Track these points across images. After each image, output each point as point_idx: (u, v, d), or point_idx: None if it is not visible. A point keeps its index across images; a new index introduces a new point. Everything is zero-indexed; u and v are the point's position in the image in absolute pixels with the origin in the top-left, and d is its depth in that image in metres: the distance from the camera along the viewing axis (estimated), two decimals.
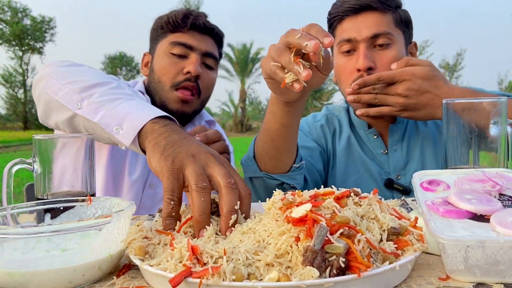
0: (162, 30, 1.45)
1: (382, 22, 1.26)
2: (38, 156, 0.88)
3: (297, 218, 0.54)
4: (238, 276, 0.49)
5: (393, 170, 1.35)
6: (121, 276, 0.61)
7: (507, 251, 0.52)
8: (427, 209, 0.61)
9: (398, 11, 1.30)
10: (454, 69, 39.47)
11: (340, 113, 1.48)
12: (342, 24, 1.31)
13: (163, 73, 1.41)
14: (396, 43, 1.27)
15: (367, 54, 1.24)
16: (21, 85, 34.77)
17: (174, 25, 1.43)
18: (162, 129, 0.83)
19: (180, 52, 1.41)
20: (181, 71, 1.40)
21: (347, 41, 1.28)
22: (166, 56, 1.42)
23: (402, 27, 1.31)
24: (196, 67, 1.39)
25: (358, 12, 1.27)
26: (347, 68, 1.29)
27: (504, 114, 0.86)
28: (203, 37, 1.44)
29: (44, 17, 34.40)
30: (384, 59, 1.25)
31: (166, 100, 1.41)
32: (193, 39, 1.42)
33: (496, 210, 0.58)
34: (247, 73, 37.34)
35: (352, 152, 1.40)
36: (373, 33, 1.24)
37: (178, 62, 1.40)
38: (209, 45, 1.45)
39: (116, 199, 0.74)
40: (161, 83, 1.41)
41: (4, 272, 0.55)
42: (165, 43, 1.43)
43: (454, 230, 0.56)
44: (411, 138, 1.37)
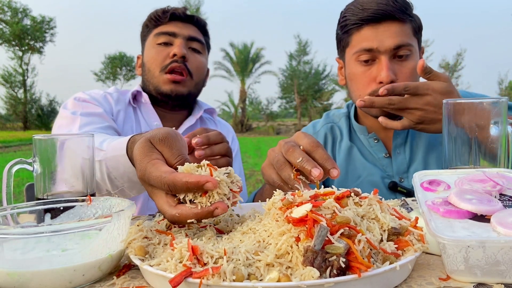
0: (147, 29, 1.55)
1: (403, 32, 1.23)
2: (38, 156, 0.88)
3: (298, 218, 0.54)
4: (238, 276, 0.49)
5: (396, 173, 1.34)
6: (121, 276, 0.61)
7: (507, 252, 0.52)
8: (428, 209, 0.61)
9: (414, 19, 1.28)
10: (454, 69, 39.46)
11: (341, 120, 1.48)
12: (360, 32, 1.27)
13: (151, 62, 1.50)
14: (414, 53, 1.27)
15: (390, 67, 1.22)
16: (21, 85, 34.77)
17: (156, 20, 1.52)
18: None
19: (165, 40, 1.49)
20: (168, 56, 1.47)
21: (368, 50, 1.24)
22: (153, 47, 1.50)
23: (418, 35, 1.31)
24: (181, 48, 1.46)
25: (379, 21, 1.23)
26: (365, 77, 1.27)
27: (504, 114, 0.85)
28: (185, 24, 1.53)
29: (44, 17, 34.40)
30: (404, 71, 1.24)
31: (158, 84, 1.47)
32: (175, 27, 1.51)
33: (496, 210, 0.58)
34: (247, 73, 37.34)
35: (353, 160, 1.40)
36: (396, 44, 1.22)
37: (164, 49, 1.48)
38: (192, 31, 1.53)
39: (116, 199, 0.74)
40: (151, 71, 1.49)
41: (4, 272, 0.55)
42: (151, 37, 1.53)
43: (455, 230, 0.56)
44: (413, 141, 1.37)
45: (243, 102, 36.86)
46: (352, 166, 1.39)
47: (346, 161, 1.40)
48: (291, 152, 0.80)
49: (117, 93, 1.55)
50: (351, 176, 1.38)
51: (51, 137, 0.90)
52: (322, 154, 0.80)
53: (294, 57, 39.71)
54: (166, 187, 0.67)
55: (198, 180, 0.64)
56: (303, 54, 39.70)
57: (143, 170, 0.71)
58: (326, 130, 1.47)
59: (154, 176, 0.69)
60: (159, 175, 0.67)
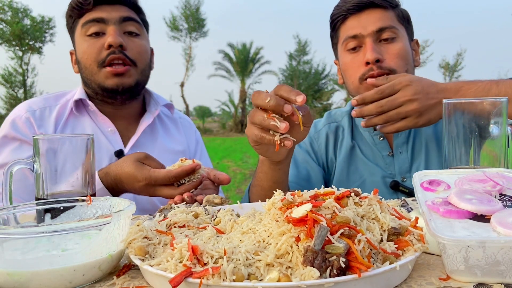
0: (72, 19, 1.39)
1: (385, 17, 1.28)
2: (38, 156, 0.88)
3: (298, 218, 0.54)
4: (238, 276, 0.49)
5: (398, 172, 1.34)
6: (121, 276, 0.61)
7: (507, 252, 0.52)
8: (428, 209, 0.61)
9: (399, 9, 1.33)
10: (454, 69, 39.43)
11: (343, 119, 1.47)
12: (345, 24, 1.33)
13: (86, 57, 1.34)
14: (401, 37, 1.29)
15: (374, 47, 1.25)
16: (21, 85, 34.75)
17: (79, 8, 1.35)
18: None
19: (95, 30, 1.33)
20: (102, 48, 1.32)
21: (353, 37, 1.29)
22: (84, 41, 1.34)
23: (405, 23, 1.33)
24: (115, 36, 1.31)
25: (361, 9, 1.29)
26: (354, 63, 1.30)
27: (504, 114, 0.85)
28: (113, 7, 1.36)
29: (43, 17, 34.39)
30: (391, 52, 1.26)
31: (100, 80, 1.34)
32: (103, 12, 1.34)
33: (496, 210, 0.58)
34: (247, 73, 37.34)
35: (354, 160, 1.39)
36: (378, 27, 1.26)
37: (97, 41, 1.33)
38: (123, 12, 1.37)
39: (116, 199, 0.74)
40: (88, 68, 1.34)
41: (4, 272, 0.55)
42: (78, 29, 1.37)
43: (455, 230, 0.56)
44: (416, 140, 1.36)
45: (243, 102, 36.85)
46: (353, 165, 1.39)
47: (348, 161, 1.39)
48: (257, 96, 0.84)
49: (40, 109, 1.36)
50: (352, 176, 1.37)
51: (51, 137, 0.90)
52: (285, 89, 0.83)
53: (293, 57, 39.71)
54: (173, 179, 1.08)
55: (193, 166, 1.10)
56: (303, 54, 39.70)
57: (148, 178, 1.08)
58: (327, 130, 1.47)
59: (162, 176, 1.08)
60: (166, 173, 1.08)
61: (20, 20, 33.73)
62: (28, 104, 1.38)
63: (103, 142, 1.38)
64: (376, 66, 1.24)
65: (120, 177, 1.12)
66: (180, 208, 0.75)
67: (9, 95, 35.30)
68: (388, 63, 1.25)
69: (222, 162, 11.34)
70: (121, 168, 1.12)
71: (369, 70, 1.25)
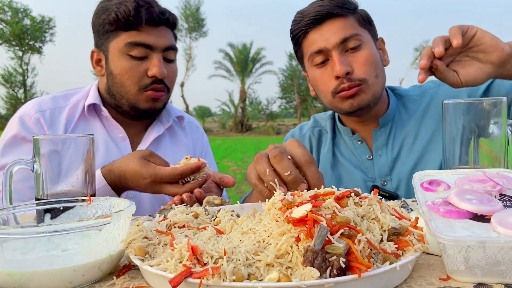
0: (112, 27, 1.30)
1: (347, 25, 1.25)
2: (38, 156, 0.88)
3: (298, 219, 0.54)
4: (238, 276, 0.49)
5: (378, 176, 1.33)
6: (121, 276, 0.61)
7: (507, 252, 0.52)
8: (428, 209, 0.61)
9: (357, 12, 1.30)
10: None
11: (326, 123, 1.48)
12: (307, 38, 1.29)
13: (125, 77, 1.31)
14: (366, 42, 1.27)
15: (342, 60, 1.23)
16: (21, 85, 34.77)
17: (127, 24, 1.28)
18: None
19: (140, 54, 1.30)
20: (145, 74, 1.31)
21: (318, 52, 1.26)
22: (124, 58, 1.31)
23: (367, 25, 1.31)
24: (161, 70, 1.30)
25: (320, 22, 1.26)
26: (324, 77, 1.28)
27: (504, 114, 0.85)
28: (159, 30, 1.33)
29: (43, 17, 34.40)
30: (359, 60, 1.24)
31: (136, 101, 1.34)
32: (151, 36, 1.31)
33: (496, 210, 0.58)
34: (247, 73, 37.34)
35: (336, 163, 1.40)
36: (342, 37, 1.23)
37: (140, 64, 1.31)
38: (167, 38, 1.35)
39: (116, 199, 0.74)
40: (126, 87, 1.33)
41: (4, 272, 0.55)
42: (120, 43, 1.31)
43: (455, 230, 0.56)
44: (395, 142, 1.35)
45: (243, 102, 36.86)
46: (335, 170, 1.39)
47: (329, 165, 1.40)
48: (278, 160, 0.79)
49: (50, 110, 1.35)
50: (334, 181, 1.37)
51: (51, 137, 0.90)
52: (313, 173, 0.80)
53: (294, 57, 39.69)
54: (178, 176, 1.08)
55: (198, 164, 1.09)
56: None
57: (154, 175, 1.08)
58: (310, 134, 1.47)
59: (168, 173, 1.08)
60: (171, 171, 1.08)
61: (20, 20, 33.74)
62: (38, 103, 1.36)
63: (112, 148, 1.37)
64: (346, 79, 1.23)
65: (125, 174, 1.12)
66: (180, 209, 0.75)
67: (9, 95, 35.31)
68: (357, 74, 1.23)
69: (222, 162, 11.34)
70: (125, 165, 1.12)
71: (340, 83, 1.23)
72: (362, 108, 1.26)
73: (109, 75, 1.35)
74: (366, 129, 1.38)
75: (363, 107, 1.26)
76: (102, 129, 1.39)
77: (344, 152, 1.41)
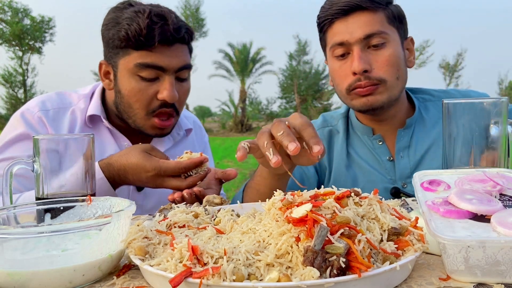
0: (122, 43, 1.20)
1: (374, 21, 1.21)
2: (38, 156, 0.88)
3: (298, 218, 0.54)
4: (238, 276, 0.49)
5: (399, 178, 1.30)
6: (121, 276, 0.61)
7: (507, 252, 0.52)
8: (428, 209, 0.61)
9: (389, 8, 1.25)
10: (454, 69, 39.42)
11: (338, 122, 1.43)
12: (332, 28, 1.26)
13: (134, 100, 1.23)
14: (391, 42, 1.23)
15: (361, 56, 1.20)
16: (21, 85, 34.76)
17: (137, 43, 1.18)
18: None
19: (151, 76, 1.21)
20: (155, 96, 1.23)
21: (340, 44, 1.23)
22: (133, 79, 1.22)
23: (396, 23, 1.26)
24: (172, 94, 1.22)
25: (348, 13, 1.22)
26: (342, 72, 1.25)
27: (504, 114, 0.85)
28: (172, 49, 1.22)
29: (43, 17, 34.40)
30: (380, 60, 1.21)
31: (143, 126, 1.28)
32: (163, 58, 1.20)
33: (496, 210, 0.58)
34: (247, 73, 37.34)
35: (351, 166, 1.36)
36: (366, 33, 1.20)
37: (150, 86, 1.22)
38: (181, 58, 1.24)
39: (116, 199, 0.74)
40: (133, 109, 1.25)
41: (4, 272, 0.55)
42: (129, 63, 1.21)
43: (455, 230, 0.56)
44: (418, 144, 1.32)
45: (243, 102, 36.85)
46: (351, 171, 1.34)
47: (343, 166, 1.35)
48: (276, 126, 0.83)
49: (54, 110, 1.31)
50: (350, 182, 1.33)
51: (51, 137, 0.90)
52: (310, 132, 0.81)
53: (294, 57, 39.71)
54: (183, 169, 1.08)
55: (201, 159, 1.10)
56: (303, 54, 39.70)
57: (158, 168, 1.07)
58: (320, 135, 1.41)
59: (172, 166, 1.07)
60: (176, 164, 1.08)
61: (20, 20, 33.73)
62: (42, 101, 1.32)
63: None
64: (364, 76, 1.20)
65: (125, 168, 1.10)
66: (180, 208, 0.75)
67: (9, 95, 35.30)
68: (376, 72, 1.20)
69: (222, 162, 11.34)
70: (126, 159, 1.10)
71: (356, 80, 1.21)
72: (374, 108, 1.23)
73: (117, 92, 1.27)
74: (383, 128, 1.35)
75: (376, 107, 1.23)
76: (110, 137, 1.35)
77: (360, 152, 1.37)
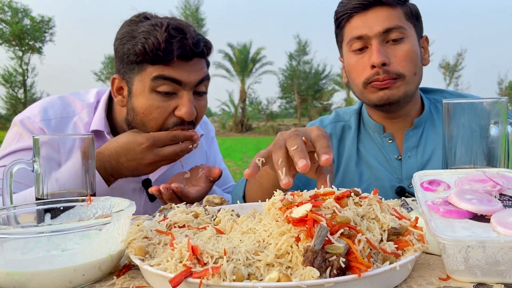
0: (138, 58, 1.14)
1: (393, 16, 1.22)
2: (38, 156, 0.88)
3: (298, 218, 0.54)
4: (238, 276, 0.49)
5: (405, 177, 1.29)
6: (121, 276, 0.61)
7: (507, 252, 0.52)
8: (428, 209, 0.61)
9: (407, 5, 1.26)
10: (454, 69, 39.46)
11: (351, 118, 1.42)
12: (350, 22, 1.27)
13: (149, 118, 1.16)
14: (409, 37, 1.24)
15: (380, 49, 1.20)
16: (21, 85, 34.79)
17: (155, 58, 1.12)
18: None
19: (168, 90, 1.15)
20: (172, 112, 1.17)
21: (358, 38, 1.24)
22: (151, 96, 1.15)
23: (413, 20, 1.27)
24: (190, 111, 1.15)
25: (367, 8, 1.23)
26: (359, 65, 1.25)
27: (504, 114, 0.85)
28: (191, 64, 1.16)
29: (43, 17, 34.42)
30: (398, 54, 1.21)
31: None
32: (182, 72, 1.14)
33: (496, 210, 0.58)
34: (247, 73, 37.35)
35: (359, 162, 1.35)
36: (385, 27, 1.21)
37: (167, 102, 1.16)
38: (199, 72, 1.18)
39: (116, 199, 0.74)
40: (146, 127, 1.18)
41: (4, 272, 0.55)
42: (146, 78, 1.15)
43: (455, 230, 0.56)
44: (427, 145, 1.31)
45: (243, 102, 36.85)
46: (358, 168, 1.34)
47: (353, 162, 1.35)
48: (292, 140, 0.81)
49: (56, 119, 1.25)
50: (356, 178, 1.33)
51: (51, 137, 0.90)
52: (323, 143, 0.80)
53: (294, 57, 39.75)
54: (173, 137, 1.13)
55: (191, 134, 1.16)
56: (303, 54, 39.74)
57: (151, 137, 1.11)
58: (332, 129, 1.42)
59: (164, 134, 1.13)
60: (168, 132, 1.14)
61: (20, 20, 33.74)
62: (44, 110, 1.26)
63: None
64: (383, 70, 1.20)
65: (116, 151, 1.09)
66: (180, 208, 0.75)
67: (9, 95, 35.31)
68: (395, 66, 1.21)
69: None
70: (115, 142, 1.11)
71: (375, 74, 1.21)
72: (391, 103, 1.23)
73: (131, 110, 1.20)
74: (394, 127, 1.35)
75: (393, 102, 1.23)
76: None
77: (369, 149, 1.36)
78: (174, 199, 1.09)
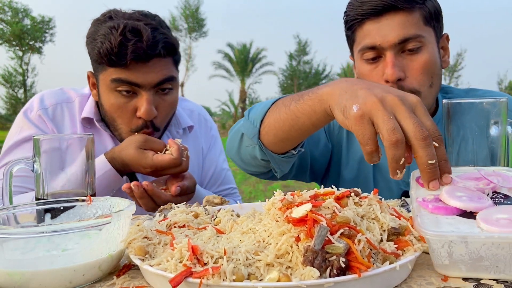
0: (98, 60, 1.18)
1: (409, 23, 1.08)
2: (38, 156, 0.88)
3: (298, 218, 0.54)
4: (238, 276, 0.49)
5: None
6: (121, 276, 0.61)
7: (490, 247, 0.52)
8: (417, 205, 0.62)
9: (426, 5, 1.11)
10: (454, 69, 39.45)
11: None
12: (362, 28, 1.13)
13: (116, 115, 1.22)
14: (427, 45, 1.11)
15: (395, 64, 1.08)
16: (21, 85, 34.79)
17: (110, 61, 1.15)
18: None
19: (127, 89, 1.18)
20: (135, 113, 1.20)
21: (371, 48, 1.11)
22: (113, 94, 1.20)
23: (433, 22, 1.14)
24: (149, 111, 1.18)
25: (381, 13, 1.09)
26: (372, 77, 1.13)
27: (504, 114, 0.85)
28: (149, 65, 1.16)
29: (43, 17, 34.41)
30: (415, 66, 1.10)
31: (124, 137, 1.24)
32: (138, 74, 1.16)
33: (484, 207, 0.59)
34: (247, 73, 37.34)
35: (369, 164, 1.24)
36: (401, 38, 1.07)
37: (129, 102, 1.19)
38: (159, 72, 1.19)
39: (116, 199, 0.74)
40: (117, 124, 1.24)
41: (4, 272, 0.55)
42: (106, 78, 1.19)
43: (440, 226, 0.57)
44: None
45: (243, 102, 36.85)
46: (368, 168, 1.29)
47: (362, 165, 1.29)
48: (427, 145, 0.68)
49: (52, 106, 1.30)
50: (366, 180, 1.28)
51: (52, 137, 0.90)
52: (443, 153, 0.70)
53: (294, 57, 39.75)
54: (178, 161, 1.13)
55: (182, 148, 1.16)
56: (303, 54, 39.74)
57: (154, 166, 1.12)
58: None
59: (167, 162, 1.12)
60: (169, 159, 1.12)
61: (20, 20, 33.74)
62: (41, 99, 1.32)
63: None
64: (397, 86, 1.08)
65: (126, 162, 1.15)
66: (180, 208, 0.75)
67: (9, 95, 35.30)
68: (410, 81, 1.09)
69: None
70: (125, 155, 1.15)
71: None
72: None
73: (101, 106, 1.27)
74: None
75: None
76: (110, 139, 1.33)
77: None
78: (145, 197, 1.09)
